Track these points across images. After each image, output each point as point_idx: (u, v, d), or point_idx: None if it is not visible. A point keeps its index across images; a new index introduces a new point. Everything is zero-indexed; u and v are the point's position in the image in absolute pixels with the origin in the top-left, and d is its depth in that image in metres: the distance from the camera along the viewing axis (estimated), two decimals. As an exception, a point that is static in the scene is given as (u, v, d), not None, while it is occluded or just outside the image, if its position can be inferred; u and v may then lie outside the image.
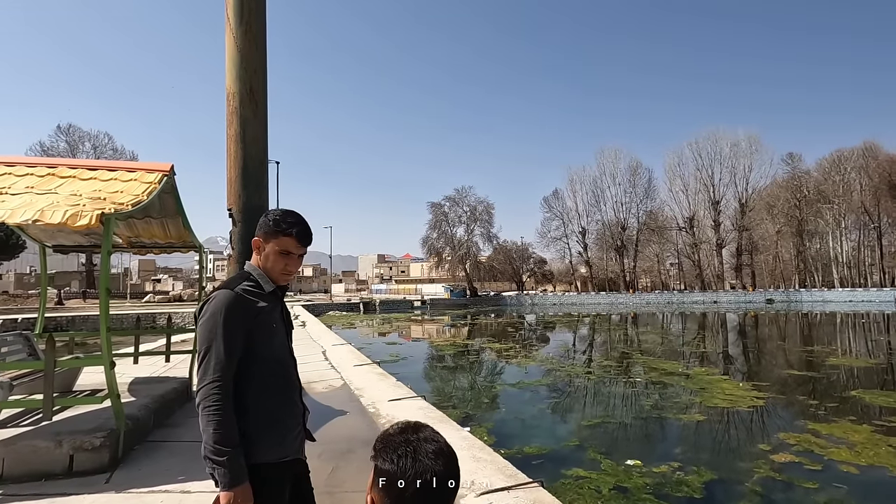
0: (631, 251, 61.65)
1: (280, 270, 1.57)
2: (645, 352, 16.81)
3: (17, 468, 3.20)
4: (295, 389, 1.61)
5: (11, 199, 3.39)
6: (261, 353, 1.48)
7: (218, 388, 1.37)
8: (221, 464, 1.33)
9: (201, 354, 1.41)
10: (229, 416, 1.37)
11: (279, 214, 1.58)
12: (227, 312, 1.42)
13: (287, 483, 1.51)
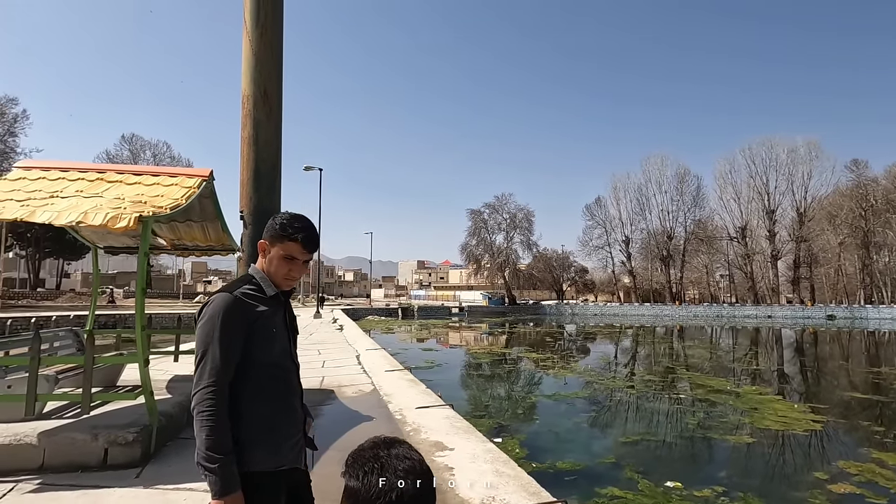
0: (678, 261, 59.24)
1: (283, 275, 1.54)
2: (691, 367, 16.02)
3: (56, 459, 3.35)
4: (295, 396, 1.56)
5: (60, 202, 3.59)
6: (259, 357, 1.45)
7: (212, 392, 1.34)
8: (213, 471, 1.30)
9: (198, 358, 1.39)
10: (223, 422, 1.34)
11: (286, 218, 1.55)
12: (225, 316, 1.40)
13: (282, 493, 1.46)
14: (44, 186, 4.05)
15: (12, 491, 3.05)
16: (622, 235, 62.22)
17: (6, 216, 3.29)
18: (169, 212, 3.80)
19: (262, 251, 1.54)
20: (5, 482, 3.14)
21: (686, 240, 59.18)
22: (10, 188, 4.03)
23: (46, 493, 3.04)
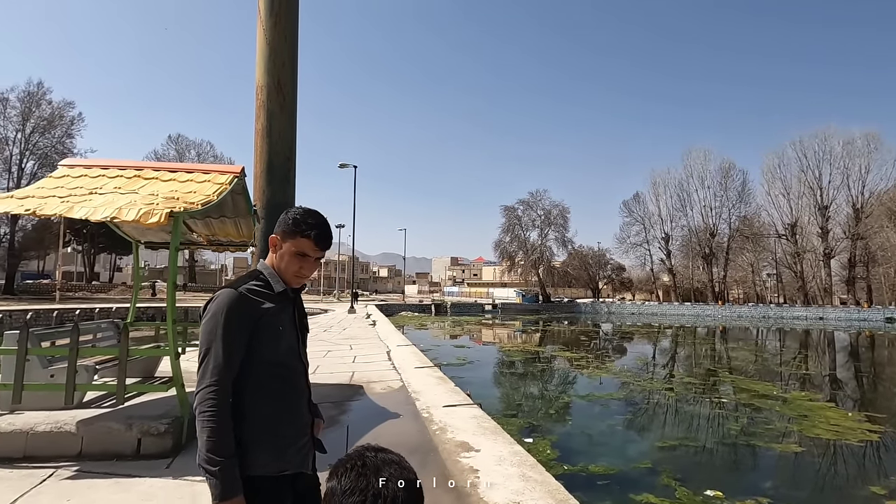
0: (721, 259, 56.82)
1: (294, 272, 1.48)
2: (734, 370, 15.33)
3: (93, 447, 3.47)
4: (301, 398, 1.50)
5: (98, 199, 3.70)
6: (264, 356, 1.40)
7: (215, 392, 1.30)
8: (213, 474, 1.25)
9: (200, 356, 1.35)
10: (225, 423, 1.29)
11: (300, 213, 1.49)
12: (229, 312, 1.35)
13: (286, 498, 1.41)
14: (85, 184, 4.20)
15: (51, 477, 3.17)
16: (661, 232, 60.21)
17: (47, 212, 3.42)
18: (200, 208, 3.86)
19: (272, 246, 1.49)
20: (46, 468, 3.28)
21: (730, 237, 56.64)
22: (55, 185, 4.20)
23: (83, 479, 3.14)
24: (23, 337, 3.49)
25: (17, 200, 3.66)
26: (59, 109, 43.67)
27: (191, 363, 6.49)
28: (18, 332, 3.51)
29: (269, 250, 1.51)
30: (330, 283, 69.27)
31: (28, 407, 3.70)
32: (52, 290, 34.76)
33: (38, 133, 42.46)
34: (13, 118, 41.88)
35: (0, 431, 3.43)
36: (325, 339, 12.35)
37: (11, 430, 3.44)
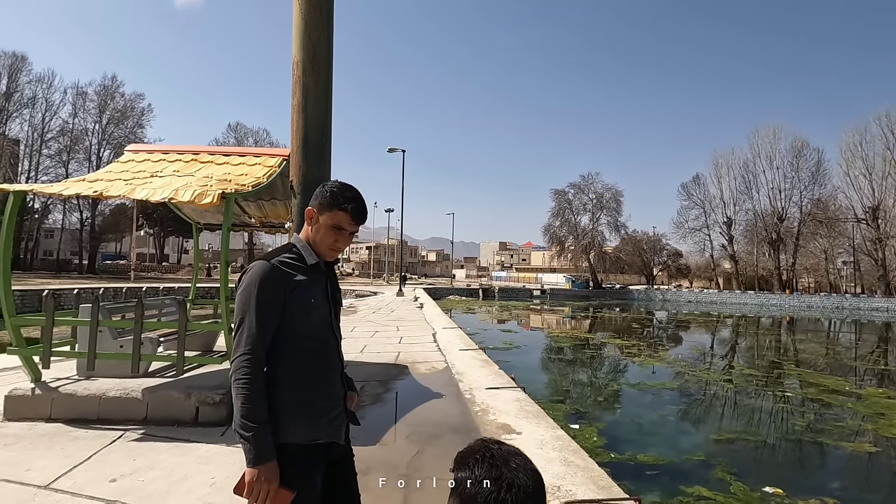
0: (790, 245, 52.96)
1: (329, 245, 1.49)
2: (802, 363, 14.36)
3: (157, 413, 3.74)
4: (333, 370, 1.51)
5: (157, 181, 3.92)
6: (296, 328, 1.41)
7: (248, 360, 1.32)
8: (248, 439, 1.28)
9: (236, 326, 1.38)
10: (259, 390, 1.32)
11: (337, 187, 1.50)
12: (262, 284, 1.37)
13: (317, 467, 1.43)
14: (147, 167, 4.46)
15: (120, 438, 3.44)
16: (723, 216, 56.79)
17: (112, 193, 3.66)
18: (251, 189, 4.01)
19: (308, 219, 1.49)
20: (116, 430, 3.57)
21: (801, 221, 52.57)
22: (121, 169, 4.49)
23: (147, 442, 3.40)
24: (94, 310, 3.78)
25: (87, 183, 3.94)
26: (130, 101, 46.80)
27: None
28: (91, 306, 3.80)
29: (305, 223, 1.52)
30: (380, 267, 70.79)
31: (101, 374, 4.03)
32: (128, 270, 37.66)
33: (113, 124, 45.73)
34: (91, 111, 45.30)
35: (77, 395, 3.76)
36: (373, 321, 12.65)
37: (87, 394, 3.76)
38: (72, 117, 44.73)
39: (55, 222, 49.89)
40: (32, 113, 42.70)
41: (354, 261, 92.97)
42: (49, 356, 3.86)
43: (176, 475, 2.87)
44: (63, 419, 3.70)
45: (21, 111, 42.03)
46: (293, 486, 1.33)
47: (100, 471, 2.91)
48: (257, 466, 1.28)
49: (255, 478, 1.28)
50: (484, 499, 0.80)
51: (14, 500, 2.55)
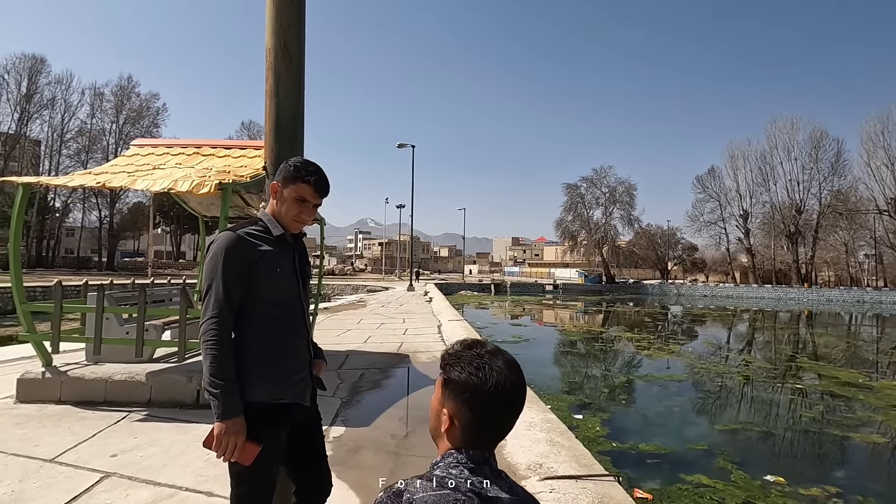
0: (809, 238, 51.90)
1: (293, 217, 1.57)
2: (820, 357, 14.13)
3: (160, 396, 3.88)
4: (298, 336, 1.59)
5: (158, 173, 4.06)
6: (262, 294, 1.50)
7: (216, 323, 1.41)
8: (215, 395, 1.37)
9: (203, 291, 1.47)
10: (225, 350, 1.41)
11: (300, 162, 1.58)
12: (228, 252, 1.45)
13: (282, 425, 1.51)
14: (151, 160, 4.61)
15: (125, 419, 3.60)
16: (739, 209, 55.87)
17: (115, 184, 3.80)
18: (248, 180, 4.12)
19: (273, 193, 1.58)
20: (121, 411, 3.73)
21: (821, 213, 51.46)
22: (126, 162, 4.64)
23: (150, 422, 3.54)
24: (99, 297, 3.94)
25: (92, 176, 4.09)
26: (146, 101, 47.60)
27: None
28: (97, 294, 3.95)
29: (270, 199, 1.60)
30: (392, 263, 71.15)
31: (108, 359, 4.19)
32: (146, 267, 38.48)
33: (130, 123, 46.61)
34: (108, 111, 46.21)
35: (85, 379, 3.93)
36: (380, 314, 12.79)
37: (94, 377, 3.93)
38: (90, 117, 45.79)
39: (75, 221, 51.16)
40: (52, 114, 43.78)
41: (367, 257, 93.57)
42: (58, 341, 4.03)
43: (173, 451, 3.00)
44: (71, 401, 3.87)
45: (41, 112, 43.11)
46: (259, 440, 1.42)
47: (102, 447, 3.05)
48: (224, 421, 1.37)
49: (222, 431, 1.36)
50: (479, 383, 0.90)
51: (22, 471, 2.70)
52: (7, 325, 14.95)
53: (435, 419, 0.97)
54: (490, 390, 0.89)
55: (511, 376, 0.91)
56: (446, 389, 0.94)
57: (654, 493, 4.85)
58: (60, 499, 2.41)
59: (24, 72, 41.36)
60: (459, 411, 0.92)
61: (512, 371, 0.92)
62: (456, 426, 0.93)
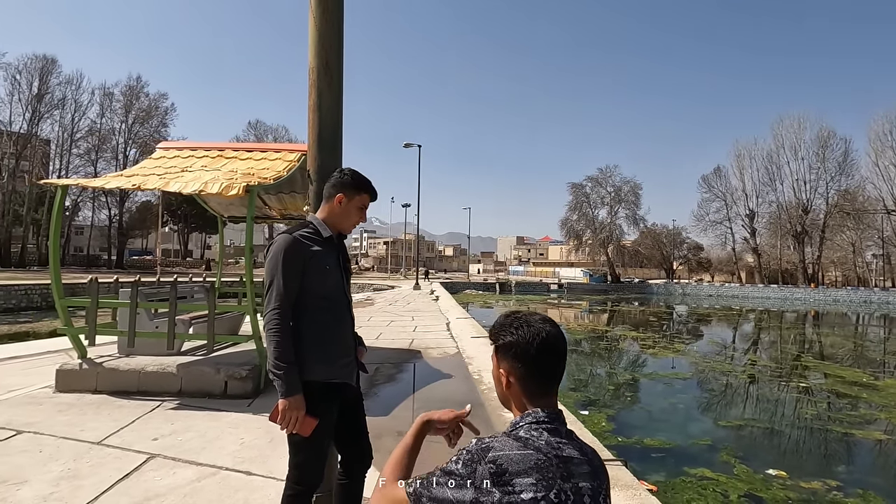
0: (815, 238, 51.69)
1: (354, 223, 1.82)
2: (826, 356, 14.21)
3: (190, 386, 4.11)
4: (345, 324, 1.82)
5: (187, 175, 4.27)
6: (315, 289, 1.71)
7: (278, 314, 1.62)
8: (279, 376, 1.59)
9: (266, 287, 1.68)
10: (287, 337, 1.62)
11: (356, 174, 1.82)
12: (286, 252, 1.67)
13: (334, 401, 1.74)
14: (177, 163, 4.83)
15: (159, 407, 3.82)
16: (745, 209, 55.68)
17: (149, 186, 4.02)
18: (272, 182, 4.33)
19: (338, 203, 1.78)
20: (154, 400, 3.95)
21: (828, 213, 51.20)
22: (154, 165, 4.86)
23: (182, 410, 3.76)
24: (133, 293, 4.16)
25: (125, 178, 4.31)
26: (155, 101, 48.00)
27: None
28: (131, 290, 4.18)
29: (324, 205, 1.81)
30: (397, 262, 71.42)
31: (139, 352, 4.42)
32: (154, 264, 38.94)
33: (139, 123, 47.03)
34: (118, 111, 46.66)
35: (120, 370, 4.16)
36: (389, 312, 13.00)
37: (128, 369, 4.16)
38: (99, 117, 46.21)
39: (85, 219, 51.71)
40: (62, 114, 44.21)
41: (372, 256, 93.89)
42: (94, 334, 4.26)
43: (209, 436, 3.22)
44: (107, 391, 4.10)
45: (52, 112, 43.56)
46: (316, 415, 1.64)
47: (143, 432, 3.28)
48: (288, 398, 1.58)
49: (286, 407, 1.58)
50: (528, 342, 1.03)
51: (73, 452, 2.93)
52: (22, 322, 15.28)
53: (498, 385, 1.09)
54: (532, 341, 1.02)
55: (546, 327, 1.05)
56: (499, 354, 1.08)
57: (658, 485, 5.02)
58: (114, 476, 2.63)
59: (35, 72, 41.83)
60: (513, 367, 1.04)
61: (547, 323, 1.06)
62: (514, 382, 1.05)
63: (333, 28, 2.00)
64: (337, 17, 2.01)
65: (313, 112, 2.01)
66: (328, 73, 2.00)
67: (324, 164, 2.02)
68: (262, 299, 1.71)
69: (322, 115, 2.01)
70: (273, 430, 3.35)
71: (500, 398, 1.11)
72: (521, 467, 0.90)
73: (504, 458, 0.90)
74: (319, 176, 2.01)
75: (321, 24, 1.99)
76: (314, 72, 2.00)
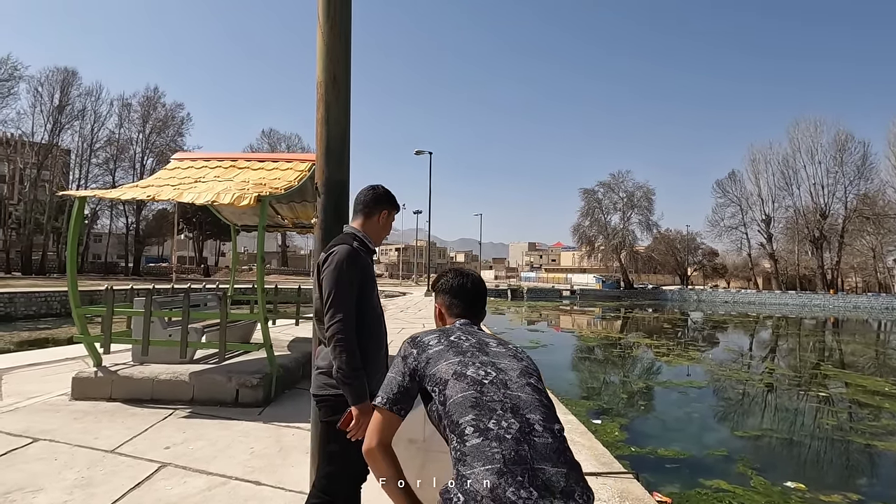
0: (834, 243, 50.68)
1: (385, 235, 1.92)
2: (846, 365, 13.88)
3: (202, 394, 4.15)
4: (384, 335, 1.88)
5: (201, 186, 4.34)
6: (366, 300, 1.76)
7: (343, 323, 1.63)
8: (350, 384, 1.59)
9: (329, 298, 1.66)
10: (354, 346, 1.63)
11: (388, 191, 1.92)
12: (348, 263, 1.68)
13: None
14: (191, 174, 4.91)
15: (172, 415, 3.86)
16: (761, 214, 54.79)
17: (163, 196, 4.09)
18: (283, 192, 4.38)
19: (379, 217, 1.87)
20: (167, 408, 4.00)
21: (846, 218, 50.20)
22: (169, 176, 4.95)
23: (194, 419, 3.80)
24: (147, 302, 4.23)
25: (141, 189, 4.39)
26: (171, 111, 48.92)
27: (280, 332, 7.25)
28: (144, 298, 4.25)
29: (361, 219, 1.86)
30: (409, 268, 71.55)
31: (153, 360, 4.48)
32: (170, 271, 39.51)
33: (156, 133, 47.95)
34: (135, 121, 47.62)
35: (134, 378, 4.22)
36: (400, 319, 13.02)
37: (142, 377, 4.21)
38: (118, 127, 47.19)
39: (103, 227, 52.72)
40: (82, 124, 45.22)
41: (384, 262, 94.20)
42: (109, 342, 4.33)
43: (220, 445, 3.24)
44: (121, 399, 4.16)
45: (72, 123, 44.60)
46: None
47: (155, 440, 3.32)
48: (359, 405, 1.58)
49: (360, 413, 1.57)
50: (451, 284, 1.47)
51: (87, 460, 2.97)
52: (42, 328, 15.59)
53: (436, 319, 1.53)
54: (452, 281, 1.47)
55: (463, 272, 1.52)
56: (436, 296, 1.51)
57: (672, 496, 4.93)
58: (126, 484, 2.66)
59: (56, 84, 42.88)
60: (442, 301, 1.49)
61: (464, 272, 1.53)
62: (444, 312, 1.48)
63: (341, 42, 2.03)
64: (344, 32, 2.04)
65: (321, 125, 2.03)
66: (336, 87, 2.02)
67: (331, 176, 2.04)
68: (320, 307, 1.71)
69: (330, 128, 2.03)
70: (283, 439, 3.37)
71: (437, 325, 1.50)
72: (429, 332, 1.34)
73: (417, 333, 1.36)
74: (327, 188, 2.03)
75: (329, 39, 2.01)
76: (322, 86, 2.02)
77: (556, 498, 0.94)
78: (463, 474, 0.98)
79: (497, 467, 0.95)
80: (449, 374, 1.15)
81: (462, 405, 1.08)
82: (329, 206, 2.03)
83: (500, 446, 0.99)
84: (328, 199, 2.03)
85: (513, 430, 1.03)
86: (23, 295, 18.18)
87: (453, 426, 1.07)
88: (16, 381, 4.96)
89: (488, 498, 0.92)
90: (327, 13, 2.01)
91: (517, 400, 1.11)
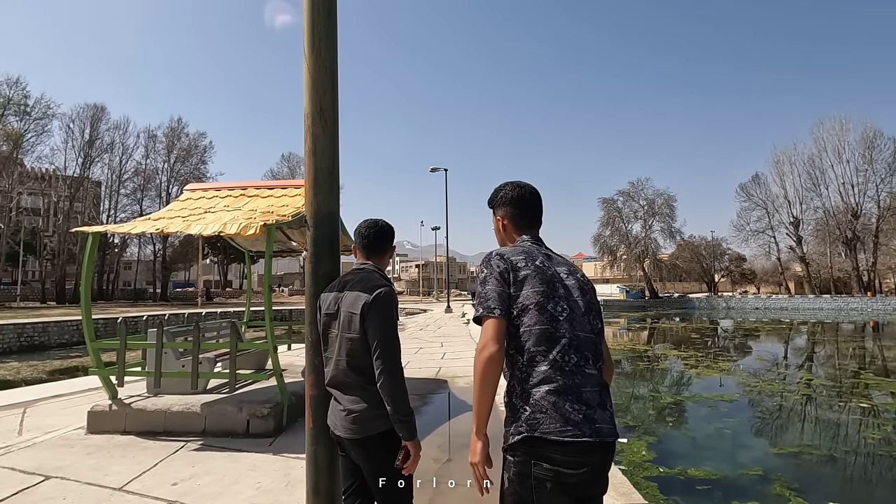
0: (869, 244, 48.72)
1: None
2: (891, 372, 13.18)
3: (214, 425, 4.13)
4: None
5: (209, 217, 4.39)
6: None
7: (401, 369, 1.79)
8: (408, 422, 1.72)
9: (387, 337, 1.77)
10: (405, 385, 1.78)
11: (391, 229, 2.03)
12: (395, 306, 1.85)
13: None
14: (202, 204, 4.98)
15: (183, 448, 3.85)
16: (789, 216, 53.14)
17: (172, 229, 4.14)
18: (290, 219, 4.39)
19: (389, 256, 2.02)
20: (178, 441, 3.99)
21: (880, 217, 48.30)
22: (180, 207, 5.03)
23: (205, 451, 3.78)
24: (159, 334, 4.26)
25: (151, 222, 4.47)
26: (194, 140, 50.56)
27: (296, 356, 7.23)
28: (157, 330, 4.28)
29: (384, 258, 1.98)
30: (429, 284, 71.56)
31: (167, 391, 4.49)
32: (196, 296, 40.35)
33: (180, 162, 49.55)
34: (161, 151, 49.35)
35: (147, 410, 4.23)
36: (419, 337, 12.93)
37: (155, 409, 4.22)
38: (144, 158, 48.99)
39: (132, 255, 54.35)
40: (111, 157, 47.11)
41: (405, 279, 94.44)
42: (123, 375, 4.37)
43: (227, 480, 3.20)
44: (135, 431, 4.17)
45: (101, 156, 46.49)
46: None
47: (164, 476, 3.30)
48: (413, 439, 1.73)
49: (416, 447, 1.73)
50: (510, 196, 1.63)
51: (95, 499, 2.97)
52: (74, 357, 16.01)
53: (497, 233, 1.69)
54: (515, 190, 1.62)
55: (520, 184, 1.65)
56: (496, 209, 1.69)
57: (705, 522, 4.69)
58: (129, 525, 2.63)
59: (86, 120, 44.89)
60: (505, 212, 1.64)
61: (521, 183, 1.65)
62: (507, 225, 1.64)
63: (327, 74, 2.01)
64: (330, 64, 2.02)
65: (309, 157, 2.01)
66: (323, 118, 2.00)
67: (320, 207, 2.01)
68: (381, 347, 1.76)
69: (318, 159, 2.01)
70: (291, 472, 3.30)
71: (499, 242, 1.69)
72: (514, 251, 1.51)
73: (502, 250, 1.52)
74: (316, 220, 1.99)
75: (314, 71, 2.00)
76: (309, 117, 2.00)
77: (595, 409, 1.36)
78: (529, 391, 1.36)
79: (558, 388, 1.33)
80: (531, 303, 1.39)
81: (539, 336, 1.37)
82: (318, 238, 1.99)
83: (562, 376, 1.35)
84: (317, 231, 2.00)
85: (571, 363, 1.37)
86: (56, 324, 18.74)
87: (525, 351, 1.38)
88: (38, 414, 5.05)
89: (552, 409, 1.31)
90: (312, 45, 2.00)
91: (579, 340, 1.41)
